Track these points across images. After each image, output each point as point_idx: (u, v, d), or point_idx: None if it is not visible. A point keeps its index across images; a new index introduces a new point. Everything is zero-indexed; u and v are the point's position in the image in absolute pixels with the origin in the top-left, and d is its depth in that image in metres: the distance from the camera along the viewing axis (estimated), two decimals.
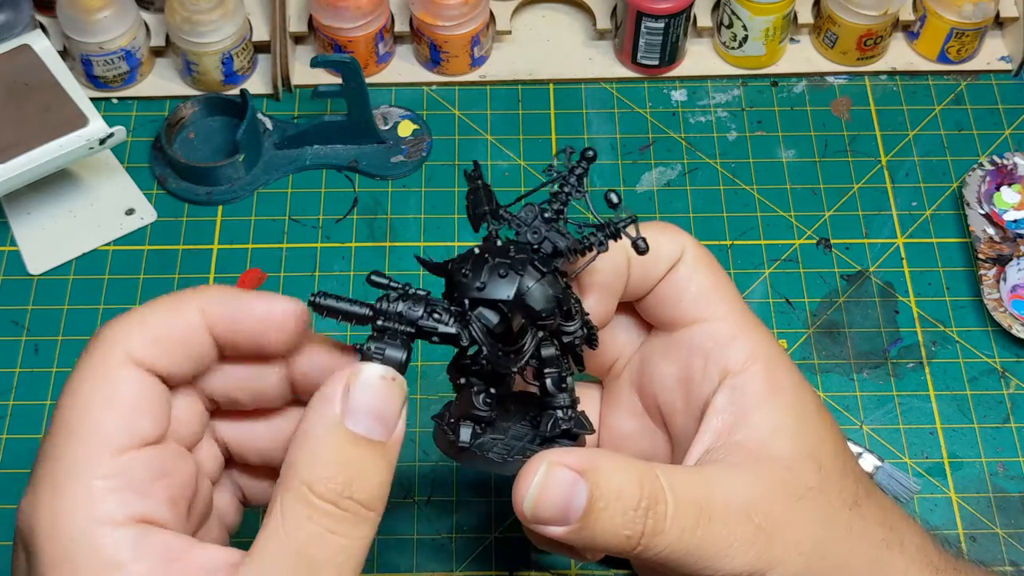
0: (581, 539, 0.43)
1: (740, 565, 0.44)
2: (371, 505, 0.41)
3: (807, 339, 0.75)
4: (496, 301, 0.43)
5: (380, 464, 0.41)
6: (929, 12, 0.85)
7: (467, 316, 0.43)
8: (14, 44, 0.77)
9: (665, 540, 0.43)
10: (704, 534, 0.44)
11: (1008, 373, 0.73)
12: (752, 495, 0.45)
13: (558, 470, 0.42)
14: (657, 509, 0.43)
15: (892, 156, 0.83)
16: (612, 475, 0.43)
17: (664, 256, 0.49)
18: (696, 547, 0.44)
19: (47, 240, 0.78)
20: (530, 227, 0.45)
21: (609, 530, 0.43)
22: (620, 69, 0.87)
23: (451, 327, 0.43)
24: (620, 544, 0.43)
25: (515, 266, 0.44)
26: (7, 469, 0.69)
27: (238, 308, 0.45)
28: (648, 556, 0.43)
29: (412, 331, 0.43)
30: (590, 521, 0.42)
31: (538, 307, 0.44)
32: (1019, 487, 0.69)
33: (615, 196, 0.44)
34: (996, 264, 0.75)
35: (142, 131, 0.83)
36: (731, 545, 0.44)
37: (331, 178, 0.82)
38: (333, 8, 0.82)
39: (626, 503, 0.43)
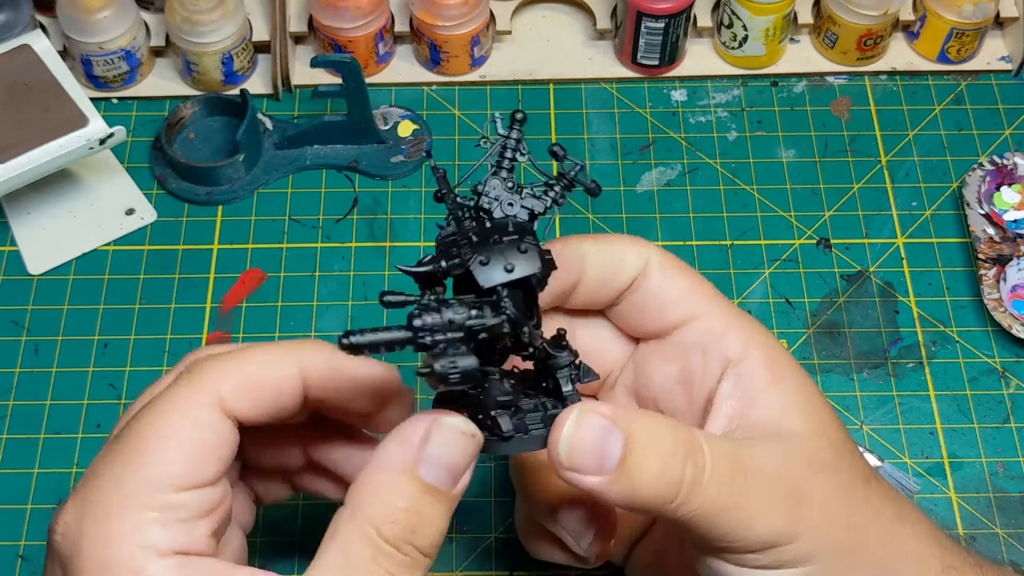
0: (619, 490, 0.42)
1: (770, 529, 0.43)
2: (429, 552, 0.42)
3: (807, 339, 0.75)
4: (527, 277, 0.43)
5: (442, 514, 0.42)
6: (929, 12, 0.85)
7: (501, 302, 0.43)
8: (14, 44, 0.77)
9: (704, 494, 0.42)
10: (740, 491, 0.43)
11: (1008, 373, 0.73)
12: (777, 464, 0.44)
13: (590, 415, 0.42)
14: (696, 458, 0.42)
15: (892, 156, 0.83)
16: (645, 423, 0.42)
17: (628, 265, 0.48)
18: (733, 504, 0.42)
19: (47, 240, 0.78)
20: (502, 200, 0.45)
21: (648, 478, 0.41)
22: (620, 69, 0.87)
23: (495, 317, 0.42)
24: (660, 495, 0.42)
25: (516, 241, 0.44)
26: (7, 469, 0.69)
27: (339, 371, 0.45)
28: (683, 514, 0.42)
29: (461, 335, 0.42)
30: (628, 467, 0.41)
31: (549, 269, 0.44)
32: (1019, 487, 0.69)
33: (559, 148, 0.44)
34: (996, 264, 0.75)
35: (142, 131, 0.83)
36: (764, 506, 0.43)
37: (331, 178, 0.82)
38: (333, 8, 0.82)
39: (663, 448, 0.42)
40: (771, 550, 0.43)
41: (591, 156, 0.83)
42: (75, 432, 0.70)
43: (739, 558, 0.44)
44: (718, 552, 0.44)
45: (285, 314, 0.75)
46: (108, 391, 0.72)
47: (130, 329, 0.74)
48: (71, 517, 0.42)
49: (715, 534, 0.43)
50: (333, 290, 0.76)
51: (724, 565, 0.44)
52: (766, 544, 0.43)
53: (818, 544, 0.44)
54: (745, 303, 0.76)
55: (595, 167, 0.82)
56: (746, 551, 0.43)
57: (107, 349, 0.74)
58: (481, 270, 0.43)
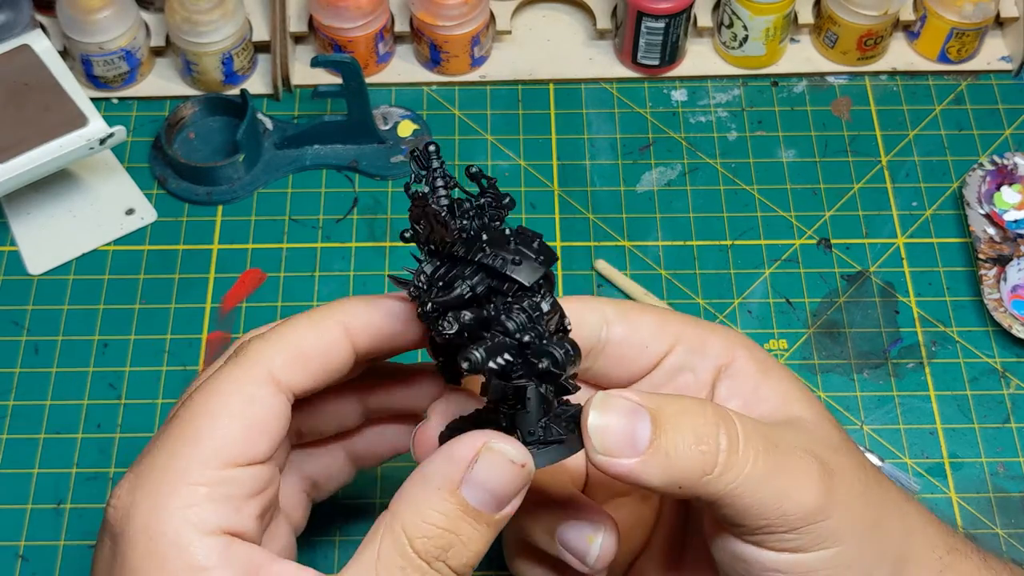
0: (656, 469, 0.41)
1: (809, 500, 0.42)
2: (461, 572, 0.42)
3: (807, 339, 0.75)
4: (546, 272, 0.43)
5: (482, 537, 0.42)
6: (929, 12, 0.85)
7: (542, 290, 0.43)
8: (14, 44, 0.77)
9: (742, 461, 0.41)
10: (777, 460, 0.42)
11: (1008, 373, 0.73)
12: (801, 441, 0.44)
13: (614, 399, 0.42)
14: (728, 428, 0.42)
15: (892, 156, 0.83)
16: (671, 400, 0.42)
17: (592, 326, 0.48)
18: (771, 472, 0.42)
19: (47, 240, 0.78)
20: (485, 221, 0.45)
21: (684, 451, 0.41)
22: (620, 69, 0.87)
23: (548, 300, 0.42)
24: (698, 466, 0.41)
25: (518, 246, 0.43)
26: (7, 469, 0.69)
27: (378, 316, 0.46)
28: (722, 487, 0.41)
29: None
30: (661, 444, 0.41)
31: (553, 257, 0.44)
32: (1019, 487, 0.69)
33: (474, 167, 0.44)
34: (996, 264, 0.75)
35: (142, 131, 0.83)
36: (801, 476, 0.42)
37: (331, 178, 0.82)
38: (333, 8, 0.82)
39: (694, 420, 0.41)
40: (805, 528, 0.42)
41: (591, 156, 0.83)
42: (75, 432, 0.70)
43: (776, 540, 0.43)
44: (755, 532, 0.43)
45: (285, 314, 0.74)
46: (108, 391, 0.72)
47: (130, 329, 0.74)
48: (124, 490, 0.42)
49: (754, 508, 0.42)
50: (333, 290, 0.76)
51: (756, 551, 0.43)
52: (802, 519, 0.42)
53: (847, 522, 0.43)
54: (745, 303, 0.76)
55: (595, 167, 0.82)
56: (784, 529, 0.42)
57: (107, 349, 0.74)
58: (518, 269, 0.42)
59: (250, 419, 0.43)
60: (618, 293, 0.76)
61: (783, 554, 0.43)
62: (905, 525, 0.47)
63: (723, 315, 0.75)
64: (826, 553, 0.43)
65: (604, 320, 0.48)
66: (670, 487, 0.42)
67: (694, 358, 0.48)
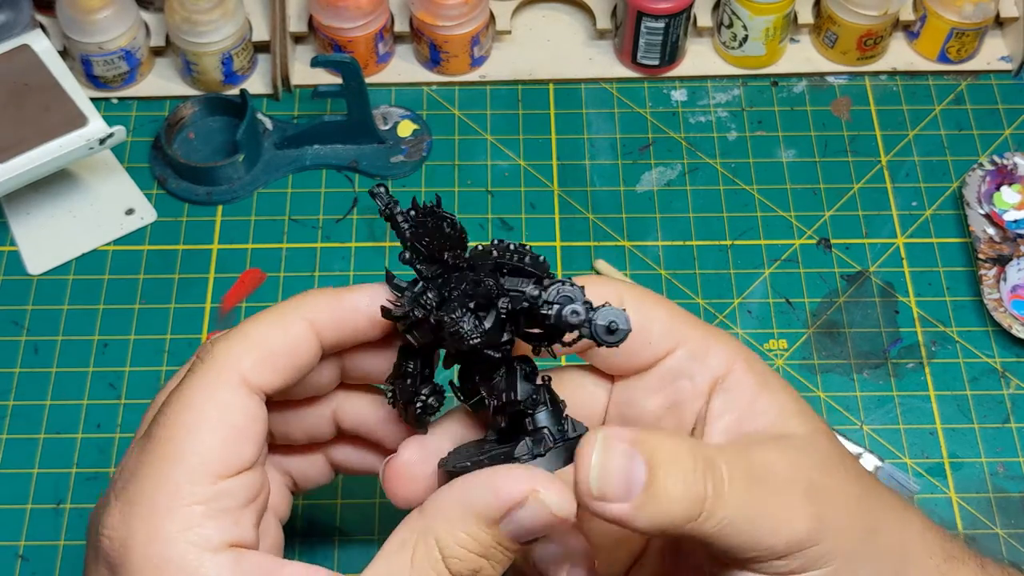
0: (648, 514, 0.41)
1: (796, 531, 0.43)
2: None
3: (807, 339, 0.75)
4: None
5: (508, 561, 0.43)
6: (929, 12, 0.85)
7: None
8: (14, 44, 0.77)
9: (727, 504, 0.42)
10: (761, 498, 0.42)
11: (1008, 373, 0.73)
12: (791, 465, 0.44)
13: (615, 443, 0.42)
14: (714, 472, 0.42)
15: (892, 156, 0.83)
16: (663, 443, 0.42)
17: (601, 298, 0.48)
18: (757, 513, 0.42)
19: (47, 240, 0.78)
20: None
21: (673, 498, 0.41)
22: (620, 69, 0.87)
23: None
24: (685, 512, 0.41)
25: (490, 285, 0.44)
26: (7, 469, 0.69)
27: (343, 309, 0.46)
28: (709, 528, 0.42)
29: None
30: (654, 490, 0.41)
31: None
32: (1019, 487, 0.69)
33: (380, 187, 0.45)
34: (996, 264, 0.75)
35: (142, 131, 0.83)
36: (787, 509, 0.43)
37: (331, 178, 0.82)
38: (333, 8, 0.82)
39: (684, 466, 0.42)
40: (798, 553, 0.43)
41: (591, 156, 0.83)
42: (75, 432, 0.70)
43: (766, 566, 0.43)
44: (745, 564, 0.44)
45: None
46: (108, 391, 0.72)
47: (130, 329, 0.74)
48: (116, 519, 0.41)
49: (742, 544, 0.43)
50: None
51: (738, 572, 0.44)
52: (793, 548, 0.43)
53: (838, 543, 0.44)
54: (745, 303, 0.76)
55: (595, 167, 0.82)
56: (773, 558, 0.43)
57: (107, 349, 0.74)
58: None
59: (230, 427, 0.42)
60: None
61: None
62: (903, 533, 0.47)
63: (723, 315, 0.75)
64: (822, 572, 0.44)
65: (619, 301, 0.48)
66: (657, 531, 0.42)
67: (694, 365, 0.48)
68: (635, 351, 0.48)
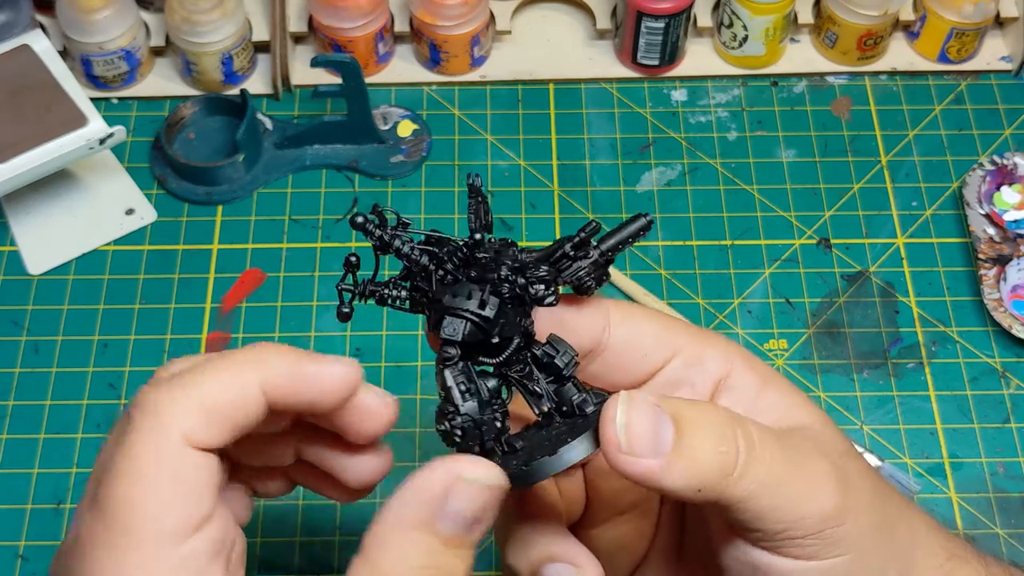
0: (679, 470, 0.40)
1: (827, 505, 0.42)
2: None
3: (807, 339, 0.75)
4: None
5: (463, 560, 0.41)
6: (929, 12, 0.85)
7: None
8: (14, 44, 0.77)
9: (760, 461, 0.41)
10: (795, 462, 0.42)
11: (1008, 373, 0.73)
12: (813, 446, 0.44)
13: (639, 401, 0.41)
14: (745, 430, 0.41)
15: (892, 156, 0.83)
16: (689, 404, 0.42)
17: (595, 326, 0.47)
18: (790, 474, 0.41)
19: (47, 240, 0.78)
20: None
21: (706, 453, 0.40)
22: (620, 69, 0.87)
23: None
24: (719, 467, 0.40)
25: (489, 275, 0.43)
26: (7, 469, 0.69)
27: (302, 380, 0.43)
28: (742, 489, 0.41)
29: None
30: (684, 444, 0.40)
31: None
32: (1019, 487, 0.69)
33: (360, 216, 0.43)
34: (996, 264, 0.75)
35: (142, 131, 0.83)
36: (820, 478, 0.42)
37: (331, 178, 0.82)
38: (333, 8, 0.82)
39: (713, 422, 0.41)
40: (821, 533, 0.42)
41: (591, 156, 0.83)
42: (75, 432, 0.70)
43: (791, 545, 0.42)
44: (772, 538, 0.42)
45: (285, 314, 0.75)
46: (108, 391, 0.72)
47: (130, 329, 0.74)
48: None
49: (772, 511, 0.41)
50: (332, 290, 0.76)
51: (771, 558, 0.43)
52: (820, 523, 0.42)
53: (859, 527, 0.43)
54: (745, 303, 0.76)
55: (595, 167, 0.82)
56: (800, 533, 0.42)
57: (107, 349, 0.74)
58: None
59: (184, 486, 0.41)
60: (618, 293, 0.76)
61: (799, 561, 0.43)
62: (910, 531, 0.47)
63: (723, 315, 0.75)
64: (839, 560, 0.43)
65: (607, 322, 0.47)
66: (689, 490, 0.41)
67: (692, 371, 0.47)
68: (631, 365, 0.47)
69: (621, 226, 0.45)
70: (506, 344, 0.42)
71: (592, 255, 0.43)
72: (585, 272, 0.43)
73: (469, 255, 0.42)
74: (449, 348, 0.41)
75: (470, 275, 0.42)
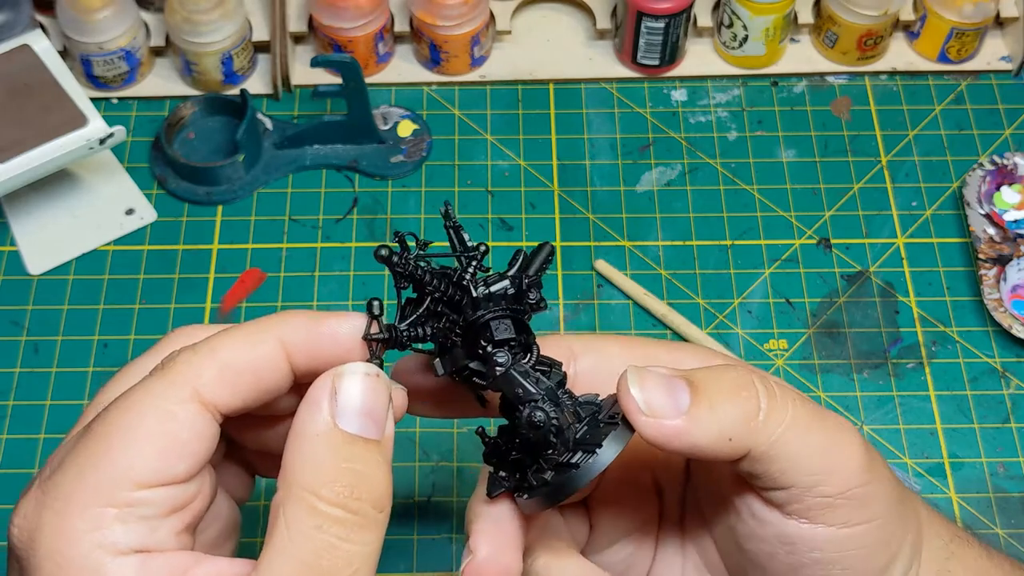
0: (705, 421, 0.40)
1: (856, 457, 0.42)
2: (380, 505, 0.40)
3: (807, 339, 0.75)
4: None
5: (379, 463, 0.40)
6: (929, 12, 0.85)
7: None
8: (14, 44, 0.77)
9: (783, 408, 0.41)
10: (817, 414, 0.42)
11: (1008, 373, 0.73)
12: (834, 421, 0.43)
13: (646, 371, 0.41)
14: (761, 375, 0.41)
15: (892, 156, 0.83)
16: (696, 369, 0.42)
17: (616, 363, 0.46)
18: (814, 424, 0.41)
19: (47, 240, 0.78)
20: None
21: (728, 398, 0.40)
22: (620, 69, 0.87)
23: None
24: (743, 411, 0.40)
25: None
26: (7, 469, 0.69)
27: (320, 334, 0.43)
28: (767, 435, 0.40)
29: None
30: (703, 396, 0.40)
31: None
32: (1019, 487, 0.69)
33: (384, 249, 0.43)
34: (996, 264, 0.75)
35: (142, 131, 0.83)
36: (845, 436, 0.42)
37: (331, 178, 0.82)
38: (333, 8, 0.82)
39: (726, 373, 0.41)
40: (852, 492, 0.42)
41: (591, 156, 0.83)
42: None
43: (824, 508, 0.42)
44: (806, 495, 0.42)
45: None
46: None
47: (130, 329, 0.74)
48: (30, 509, 0.40)
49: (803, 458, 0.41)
50: (333, 290, 0.76)
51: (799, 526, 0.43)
52: (853, 477, 0.42)
53: (883, 494, 0.43)
54: (745, 303, 0.76)
55: (595, 167, 0.82)
56: (834, 490, 0.42)
57: (107, 349, 0.74)
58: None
59: (167, 439, 0.40)
60: (618, 293, 0.76)
61: (831, 528, 0.43)
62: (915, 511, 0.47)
63: (723, 315, 0.75)
64: (870, 527, 0.43)
65: (571, 354, 0.47)
66: (720, 441, 0.41)
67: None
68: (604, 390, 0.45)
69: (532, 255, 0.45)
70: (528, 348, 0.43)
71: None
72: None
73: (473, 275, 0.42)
74: (502, 354, 0.41)
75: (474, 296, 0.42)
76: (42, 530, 0.39)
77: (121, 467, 0.40)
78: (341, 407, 0.40)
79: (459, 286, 0.42)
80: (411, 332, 0.43)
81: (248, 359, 0.43)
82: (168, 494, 0.41)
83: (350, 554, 0.39)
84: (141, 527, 0.40)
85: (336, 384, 0.40)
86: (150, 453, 0.40)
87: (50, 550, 0.39)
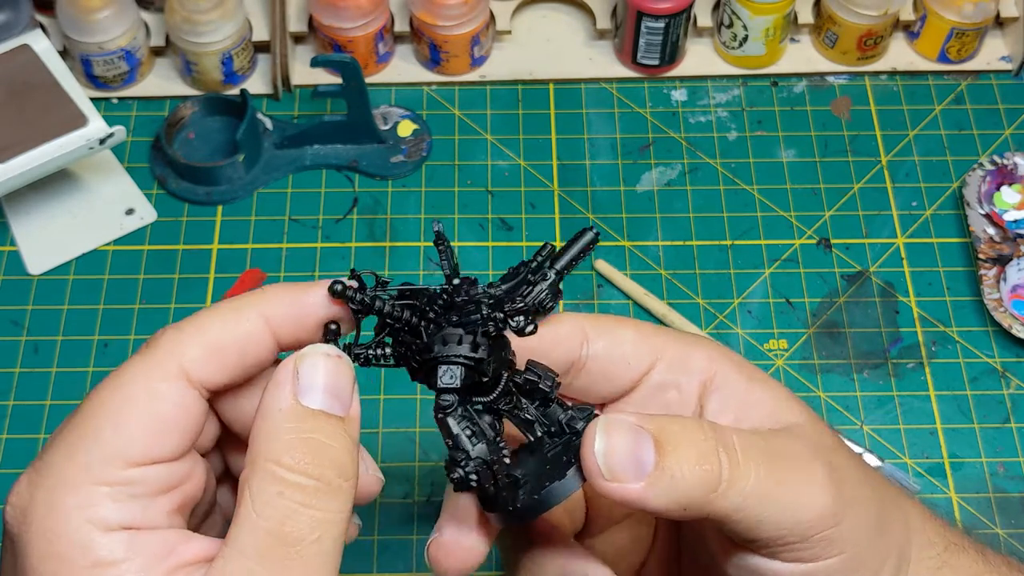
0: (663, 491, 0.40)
1: (820, 506, 0.42)
2: (344, 473, 0.40)
3: (807, 339, 0.75)
4: None
5: (343, 437, 0.40)
6: (929, 12, 0.85)
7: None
8: (14, 44, 0.77)
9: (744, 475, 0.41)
10: (782, 471, 0.42)
11: (1008, 373, 0.73)
12: (804, 446, 0.44)
13: (616, 425, 0.41)
14: (727, 443, 0.41)
15: (892, 156, 0.83)
16: (669, 421, 0.42)
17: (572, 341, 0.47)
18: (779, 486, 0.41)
19: (47, 240, 0.78)
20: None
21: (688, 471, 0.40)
22: (620, 69, 0.87)
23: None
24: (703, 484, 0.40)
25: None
26: (7, 469, 0.69)
27: (303, 305, 0.44)
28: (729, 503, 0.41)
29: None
30: (666, 466, 0.40)
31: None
32: (1019, 487, 0.69)
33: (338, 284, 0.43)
34: (996, 264, 0.75)
35: (142, 131, 0.83)
36: (810, 485, 0.42)
37: (331, 178, 0.82)
38: (333, 8, 0.82)
39: (694, 439, 0.41)
40: (819, 535, 0.42)
41: (591, 156, 0.83)
42: None
43: (788, 550, 0.43)
44: (770, 545, 0.43)
45: None
46: None
47: (130, 329, 0.74)
48: (23, 487, 0.41)
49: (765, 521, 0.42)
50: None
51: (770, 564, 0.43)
52: (816, 526, 0.42)
53: (856, 523, 0.43)
54: (745, 303, 0.76)
55: (595, 167, 0.82)
56: (797, 538, 0.42)
57: (107, 349, 0.74)
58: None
59: (155, 416, 0.41)
60: (618, 293, 0.76)
61: (799, 564, 0.43)
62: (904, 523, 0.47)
63: (723, 315, 0.75)
64: (839, 559, 0.43)
65: (584, 336, 0.47)
66: (675, 509, 0.41)
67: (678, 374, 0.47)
68: (615, 375, 0.47)
69: (569, 243, 0.46)
70: (496, 379, 0.43)
71: (549, 276, 0.45)
72: (546, 294, 0.44)
73: (450, 300, 0.42)
74: (447, 396, 0.42)
75: (452, 320, 0.42)
76: (35, 508, 0.40)
77: (111, 445, 0.40)
78: (303, 386, 0.40)
79: (423, 318, 0.43)
80: (366, 353, 0.43)
81: (232, 335, 0.43)
82: (158, 472, 0.41)
83: (313, 520, 0.39)
84: (132, 505, 0.40)
85: (298, 365, 0.40)
86: (138, 431, 0.41)
87: (41, 527, 0.39)
